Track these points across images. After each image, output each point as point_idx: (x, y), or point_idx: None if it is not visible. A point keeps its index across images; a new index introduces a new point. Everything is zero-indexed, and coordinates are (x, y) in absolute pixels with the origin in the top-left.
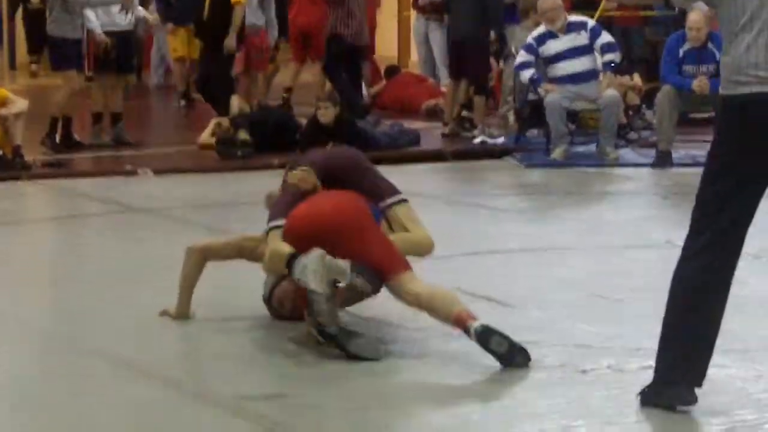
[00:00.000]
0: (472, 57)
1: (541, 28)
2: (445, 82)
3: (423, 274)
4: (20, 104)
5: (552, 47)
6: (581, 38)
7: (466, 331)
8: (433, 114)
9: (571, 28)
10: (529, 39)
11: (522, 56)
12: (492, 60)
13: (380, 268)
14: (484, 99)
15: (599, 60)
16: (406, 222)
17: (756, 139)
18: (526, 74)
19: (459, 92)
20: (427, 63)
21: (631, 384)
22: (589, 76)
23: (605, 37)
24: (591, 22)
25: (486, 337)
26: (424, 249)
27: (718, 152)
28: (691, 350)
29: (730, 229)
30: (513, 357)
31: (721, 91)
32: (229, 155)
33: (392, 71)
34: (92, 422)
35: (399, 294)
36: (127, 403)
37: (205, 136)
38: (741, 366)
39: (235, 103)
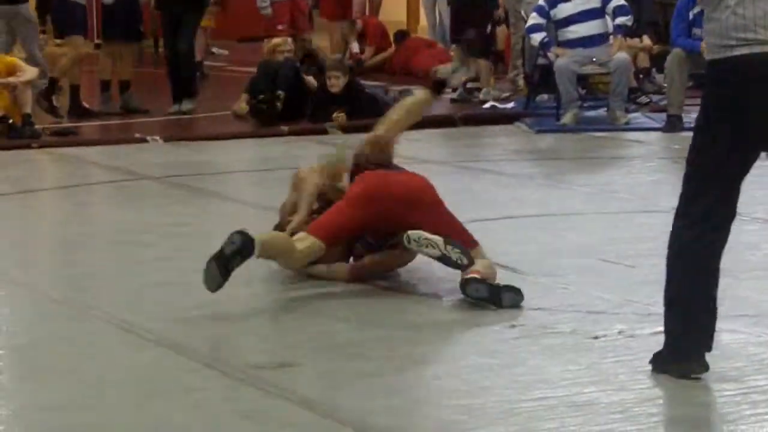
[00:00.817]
0: (470, 21)
1: None
2: (453, 47)
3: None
4: (30, 72)
5: (563, 10)
6: (593, 1)
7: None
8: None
9: None
10: (541, 1)
11: (533, 18)
12: (503, 26)
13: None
14: (489, 64)
15: (610, 23)
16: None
17: (747, 101)
18: (537, 37)
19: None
20: (436, 28)
21: (643, 349)
22: (600, 39)
23: (617, 0)
24: None
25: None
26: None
27: (710, 116)
28: (698, 316)
29: (726, 194)
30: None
31: (707, 56)
32: (266, 112)
33: (401, 36)
34: (101, 388)
35: None
36: (136, 370)
37: (240, 107)
38: (753, 331)
39: None
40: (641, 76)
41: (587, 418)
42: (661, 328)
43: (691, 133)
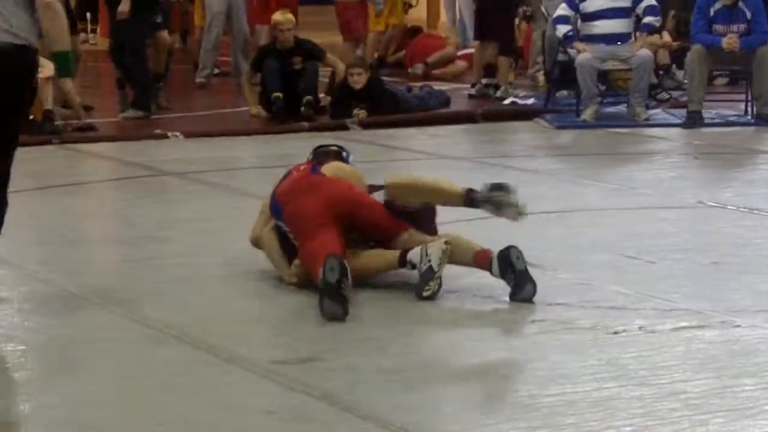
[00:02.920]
0: (497, 19)
1: None
2: (474, 43)
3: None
4: (50, 68)
5: (593, 4)
6: (623, 0)
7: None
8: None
9: None
10: None
11: (562, 9)
12: (522, 21)
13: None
14: (509, 60)
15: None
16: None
17: None
18: (563, 29)
19: (486, 54)
20: (457, 24)
21: (664, 345)
22: (624, 37)
23: (649, 0)
24: None
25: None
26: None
27: None
28: None
29: None
30: (523, 285)
31: None
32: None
33: (413, 33)
34: (121, 384)
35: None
36: (156, 366)
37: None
38: None
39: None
40: (661, 72)
41: (608, 414)
42: (682, 324)
43: (711, 129)
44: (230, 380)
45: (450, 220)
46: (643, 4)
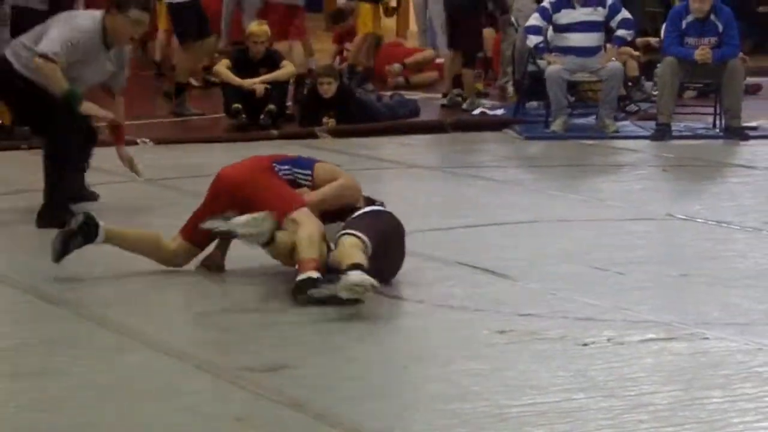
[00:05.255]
0: (464, 29)
1: None
2: (444, 52)
3: (424, 247)
4: None
5: (566, 16)
6: (597, 14)
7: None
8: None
9: (590, 2)
10: (546, 3)
11: (534, 19)
12: (491, 30)
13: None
14: (474, 72)
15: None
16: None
17: None
18: (534, 39)
19: (456, 63)
20: (427, 33)
21: (633, 356)
22: (595, 51)
23: (624, 14)
24: None
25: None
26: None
27: None
28: None
29: None
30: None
31: None
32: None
33: (377, 42)
34: (90, 390)
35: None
36: (126, 372)
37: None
38: (741, 339)
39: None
40: (630, 84)
41: (576, 425)
42: (651, 335)
43: (679, 142)
44: (200, 387)
45: (427, 228)
46: (618, 17)
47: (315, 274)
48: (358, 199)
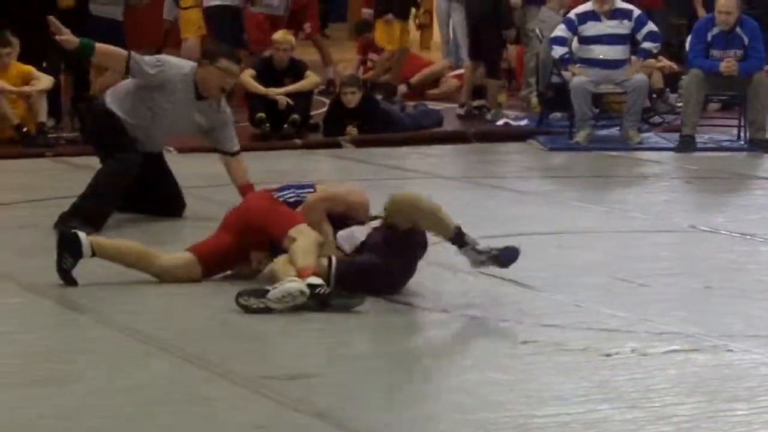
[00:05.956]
0: (486, 39)
1: (588, 5)
2: (466, 63)
3: (447, 257)
4: (44, 81)
5: (592, 28)
6: (623, 27)
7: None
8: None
9: (616, 14)
10: (572, 14)
11: (560, 30)
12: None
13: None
14: (499, 83)
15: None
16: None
17: None
18: (559, 51)
19: (476, 74)
20: (450, 44)
21: (656, 368)
22: (621, 63)
23: (650, 27)
24: (637, 12)
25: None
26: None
27: None
28: None
29: None
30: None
31: None
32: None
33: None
34: (111, 397)
35: None
36: (147, 379)
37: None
38: (765, 352)
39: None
40: (654, 96)
41: None
42: (674, 347)
43: (703, 154)
44: (221, 395)
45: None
46: (644, 30)
47: (317, 280)
48: (365, 210)
